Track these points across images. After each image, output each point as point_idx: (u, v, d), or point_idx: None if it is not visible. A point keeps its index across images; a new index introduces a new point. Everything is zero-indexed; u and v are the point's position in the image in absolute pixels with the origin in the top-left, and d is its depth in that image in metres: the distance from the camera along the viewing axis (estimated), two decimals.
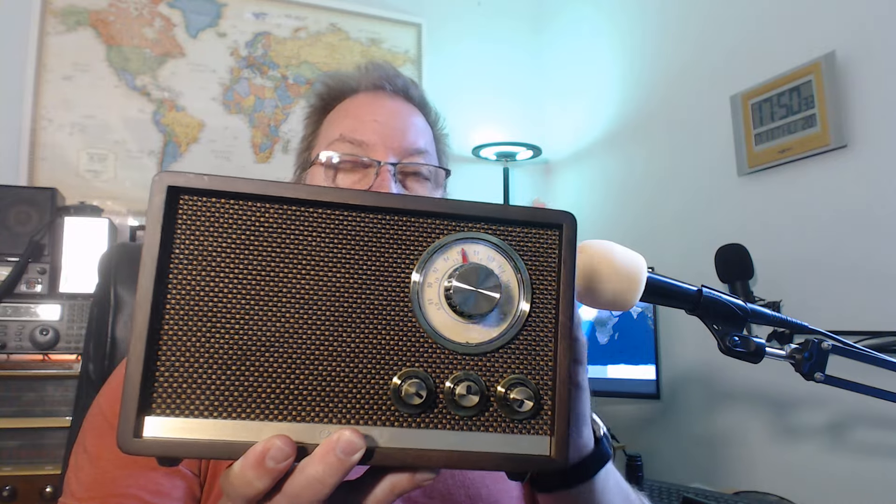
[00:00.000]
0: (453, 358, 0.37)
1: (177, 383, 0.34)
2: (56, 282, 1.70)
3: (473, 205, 0.38)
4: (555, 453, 0.37)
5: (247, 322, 0.35)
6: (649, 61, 2.19)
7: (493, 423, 0.37)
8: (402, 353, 0.37)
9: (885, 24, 1.44)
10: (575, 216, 0.41)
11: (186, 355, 0.35)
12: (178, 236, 0.35)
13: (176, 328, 0.35)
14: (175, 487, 0.59)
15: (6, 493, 1.43)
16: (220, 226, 0.36)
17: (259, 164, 2.27)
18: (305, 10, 2.43)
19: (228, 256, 0.36)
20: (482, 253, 0.39)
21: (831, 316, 1.48)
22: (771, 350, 0.59)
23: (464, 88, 2.61)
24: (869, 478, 1.40)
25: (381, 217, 0.38)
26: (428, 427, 0.36)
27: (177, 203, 0.36)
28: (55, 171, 2.02)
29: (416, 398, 0.36)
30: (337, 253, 0.37)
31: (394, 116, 0.74)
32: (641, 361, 1.76)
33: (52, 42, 2.07)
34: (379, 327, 0.37)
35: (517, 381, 0.37)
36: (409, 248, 0.38)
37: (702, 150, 1.93)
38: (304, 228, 0.37)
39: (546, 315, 0.39)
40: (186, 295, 0.35)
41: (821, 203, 1.56)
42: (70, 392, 1.51)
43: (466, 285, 0.37)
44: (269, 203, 0.37)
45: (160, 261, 0.35)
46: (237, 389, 0.35)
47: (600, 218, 2.37)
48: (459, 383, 0.36)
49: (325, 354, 0.36)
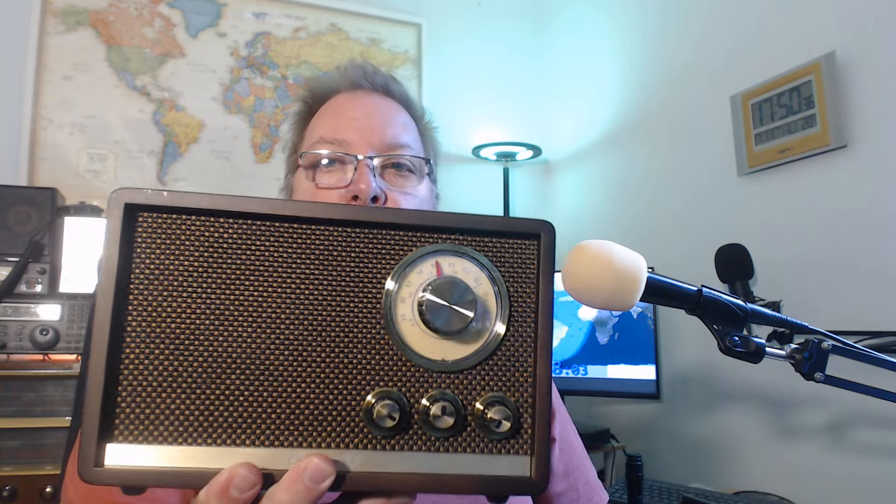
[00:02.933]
0: (428, 376, 0.36)
1: (139, 409, 0.33)
2: (56, 282, 1.69)
3: (447, 216, 0.37)
4: (534, 474, 0.36)
5: (211, 343, 0.34)
6: (649, 61, 2.19)
7: (471, 443, 0.36)
8: (375, 371, 0.35)
9: (885, 24, 1.44)
10: (553, 225, 0.38)
11: (149, 379, 0.33)
12: (138, 255, 0.34)
13: (137, 351, 0.33)
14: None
15: (6, 493, 1.43)
16: (181, 243, 0.35)
17: (259, 164, 2.28)
18: (305, 10, 2.43)
19: (191, 275, 0.34)
20: (457, 265, 0.37)
21: (831, 316, 1.48)
22: (771, 350, 0.59)
23: (464, 88, 2.61)
24: (869, 478, 1.40)
25: (351, 231, 0.36)
26: (402, 449, 0.35)
27: (135, 221, 0.34)
28: (55, 171, 2.02)
29: (389, 420, 0.34)
30: (304, 269, 0.35)
31: (372, 113, 0.73)
32: (641, 361, 1.76)
33: (52, 42, 2.06)
34: (350, 345, 0.35)
35: (495, 399, 0.36)
36: (380, 262, 0.36)
37: (702, 150, 1.93)
38: (269, 244, 0.35)
39: (525, 329, 0.37)
40: (148, 316, 0.34)
41: (821, 203, 1.56)
42: (70, 392, 1.51)
43: (440, 300, 0.35)
44: (233, 218, 0.35)
45: (119, 281, 0.33)
46: (202, 414, 0.33)
47: (600, 218, 2.37)
48: (435, 403, 0.35)
49: (294, 375, 0.35)
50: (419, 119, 0.80)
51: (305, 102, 0.80)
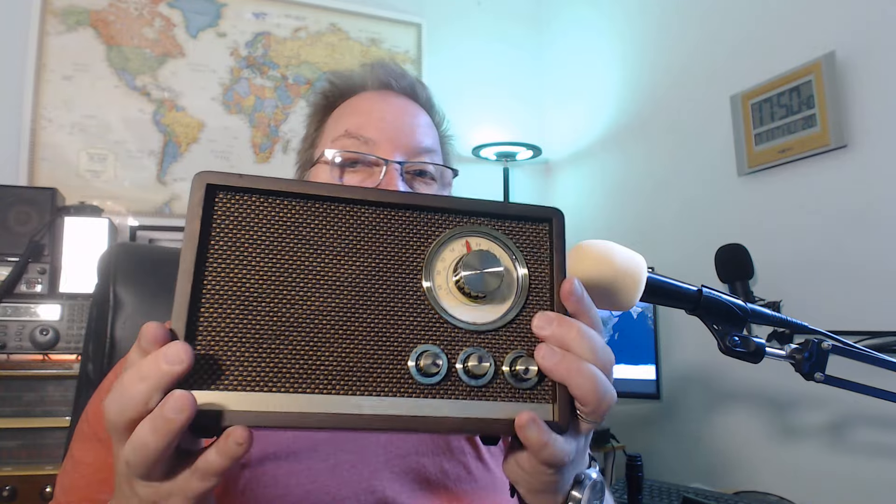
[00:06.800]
0: (463, 335, 0.42)
1: (213, 360, 0.38)
2: (56, 282, 1.70)
3: (475, 202, 0.43)
4: (558, 417, 0.41)
5: (276, 305, 0.39)
6: (649, 61, 2.19)
7: (502, 392, 0.41)
8: (418, 331, 0.41)
9: (885, 24, 1.44)
10: (562, 211, 0.45)
11: (222, 335, 0.38)
12: (214, 228, 0.39)
13: (213, 310, 0.38)
14: None
15: (6, 493, 1.43)
16: (251, 219, 0.40)
17: (259, 164, 2.28)
18: (305, 10, 2.43)
19: (259, 246, 0.40)
20: (483, 244, 0.43)
21: (831, 316, 1.48)
22: (771, 350, 0.59)
23: (464, 88, 2.61)
24: (869, 478, 1.40)
25: (395, 212, 0.42)
26: (443, 397, 0.40)
27: (214, 199, 0.40)
28: (55, 171, 2.02)
29: (433, 367, 0.40)
30: (356, 243, 0.41)
31: (401, 115, 0.72)
32: (641, 361, 1.76)
33: (52, 42, 2.06)
34: (396, 309, 0.41)
35: (520, 354, 0.42)
36: (419, 239, 0.42)
37: (702, 150, 1.93)
38: (326, 222, 0.41)
39: (543, 296, 0.44)
40: (222, 281, 0.39)
41: (821, 203, 1.56)
42: (70, 392, 1.51)
43: (473, 270, 0.41)
44: (295, 199, 0.41)
45: (199, 250, 0.38)
46: (268, 365, 0.38)
47: (600, 218, 2.37)
48: (470, 356, 0.41)
49: (348, 333, 0.40)
50: (439, 125, 0.79)
51: (325, 96, 0.77)
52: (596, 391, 0.41)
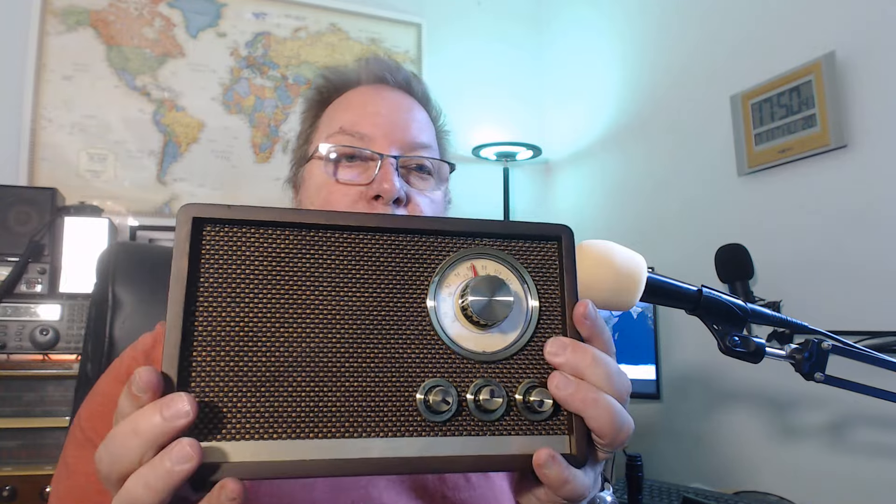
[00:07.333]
0: (472, 366, 0.39)
1: (208, 408, 0.35)
2: (56, 282, 1.69)
3: (478, 222, 0.41)
4: (575, 450, 0.39)
5: (273, 344, 0.37)
6: (649, 61, 2.19)
7: (516, 426, 0.39)
8: (424, 364, 0.39)
9: (885, 24, 1.44)
10: (571, 228, 0.43)
11: (216, 380, 0.36)
12: (203, 265, 0.37)
13: (205, 354, 0.36)
14: None
15: (6, 493, 1.43)
16: (243, 252, 0.38)
17: (259, 164, 2.27)
18: (305, 10, 2.43)
19: (252, 281, 0.37)
20: (490, 267, 0.41)
21: (831, 316, 1.48)
22: (771, 350, 0.59)
23: (464, 88, 2.60)
24: (869, 478, 1.39)
25: (394, 237, 0.40)
26: (455, 434, 0.38)
27: (201, 233, 0.37)
28: (55, 171, 2.02)
29: (444, 405, 0.37)
30: (355, 273, 0.39)
31: (396, 110, 0.71)
32: (641, 361, 1.76)
33: (52, 42, 2.06)
34: (400, 342, 0.39)
35: (533, 384, 0.39)
36: (422, 265, 0.40)
37: (702, 150, 1.93)
38: (323, 251, 0.39)
39: (554, 320, 0.41)
40: (214, 321, 0.36)
41: (821, 203, 1.56)
42: (70, 392, 1.51)
43: (481, 296, 0.38)
44: (289, 229, 0.38)
45: (188, 289, 0.36)
46: (267, 411, 0.36)
47: (600, 218, 2.37)
48: (481, 389, 0.38)
49: (351, 371, 0.37)
50: (435, 120, 0.77)
51: (320, 91, 0.76)
52: (612, 423, 0.39)
